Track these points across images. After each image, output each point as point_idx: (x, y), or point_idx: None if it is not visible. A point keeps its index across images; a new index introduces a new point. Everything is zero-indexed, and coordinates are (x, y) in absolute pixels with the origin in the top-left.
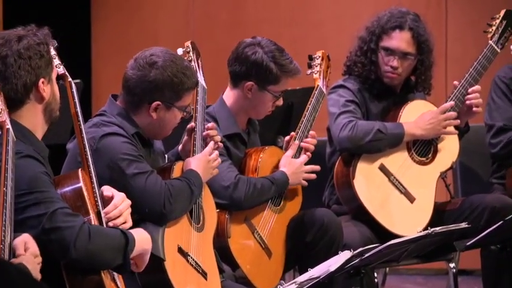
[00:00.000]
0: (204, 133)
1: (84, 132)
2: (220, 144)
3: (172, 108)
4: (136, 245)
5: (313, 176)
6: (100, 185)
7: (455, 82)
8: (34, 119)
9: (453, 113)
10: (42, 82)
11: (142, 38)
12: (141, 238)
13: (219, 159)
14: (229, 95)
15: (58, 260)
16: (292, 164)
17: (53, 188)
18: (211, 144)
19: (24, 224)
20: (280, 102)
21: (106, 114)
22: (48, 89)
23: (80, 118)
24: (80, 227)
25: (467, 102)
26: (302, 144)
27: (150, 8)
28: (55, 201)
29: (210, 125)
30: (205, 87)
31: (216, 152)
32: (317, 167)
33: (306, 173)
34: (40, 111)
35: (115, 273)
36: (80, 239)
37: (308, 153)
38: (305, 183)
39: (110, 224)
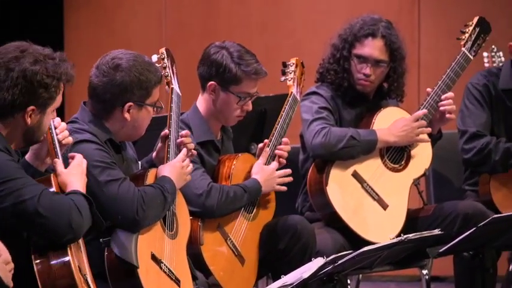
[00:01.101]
0: (178, 140)
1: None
2: (194, 152)
3: (144, 106)
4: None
5: (289, 179)
6: None
7: (429, 89)
8: (11, 134)
9: (424, 122)
10: (32, 110)
11: (115, 46)
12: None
13: (191, 165)
14: (201, 101)
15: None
16: (265, 171)
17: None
18: (184, 150)
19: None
20: (248, 106)
21: (78, 122)
22: (36, 119)
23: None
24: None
25: (441, 108)
26: (276, 151)
27: (123, 16)
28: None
29: (184, 132)
30: (180, 93)
31: (187, 159)
32: (288, 170)
33: (280, 177)
34: (20, 132)
35: (88, 277)
36: (73, 214)
37: (282, 159)
38: (281, 188)
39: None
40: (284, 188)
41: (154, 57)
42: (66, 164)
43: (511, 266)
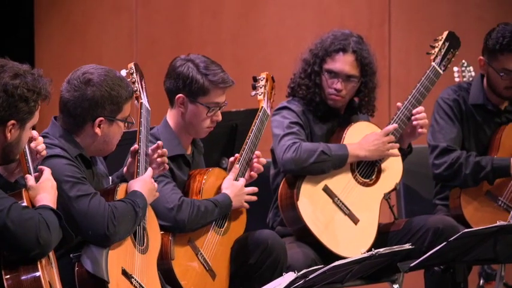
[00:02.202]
0: (155, 156)
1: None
2: (166, 166)
3: (115, 121)
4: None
5: (254, 197)
6: None
7: (399, 104)
8: None
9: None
10: (12, 124)
11: (86, 61)
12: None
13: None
14: (170, 116)
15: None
16: (235, 186)
17: None
18: (153, 165)
19: None
20: (218, 117)
21: (49, 136)
22: (15, 134)
23: None
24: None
25: (414, 122)
26: (255, 164)
27: (94, 30)
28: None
29: (159, 143)
30: (149, 108)
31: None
32: (256, 188)
33: (248, 194)
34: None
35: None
36: (41, 229)
37: (253, 173)
38: (247, 205)
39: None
40: (247, 206)
41: (123, 72)
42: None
43: (481, 280)
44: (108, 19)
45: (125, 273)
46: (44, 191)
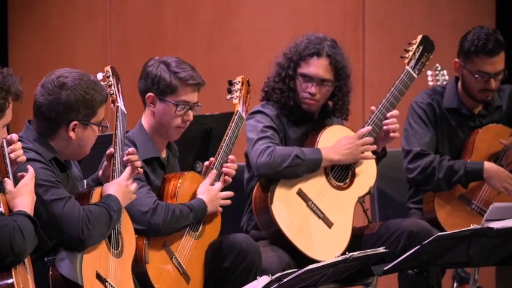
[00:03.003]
0: (124, 158)
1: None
2: (140, 170)
3: (90, 125)
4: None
5: (229, 202)
6: None
7: (373, 107)
8: None
9: (371, 138)
10: None
11: (60, 65)
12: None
13: (135, 184)
14: (144, 118)
15: None
16: (210, 191)
17: None
18: (128, 169)
19: None
20: (189, 117)
21: (23, 140)
22: None
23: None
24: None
25: (385, 127)
26: (224, 169)
27: (68, 34)
28: None
29: (130, 149)
30: (125, 111)
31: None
32: (231, 193)
33: (223, 199)
34: None
35: None
36: (16, 236)
37: (227, 177)
38: (221, 209)
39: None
40: (221, 209)
41: (100, 76)
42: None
43: (455, 283)
44: (82, 23)
45: (99, 277)
46: (22, 195)
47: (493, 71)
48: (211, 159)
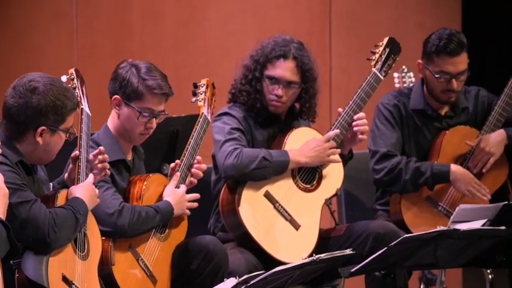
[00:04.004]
0: (94, 157)
1: None
2: (108, 171)
3: (57, 131)
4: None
5: (195, 204)
6: None
7: (340, 109)
8: None
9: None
10: None
11: (27, 66)
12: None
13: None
14: (110, 120)
15: None
16: (176, 193)
17: None
18: (94, 171)
19: None
20: (152, 124)
21: None
22: None
23: None
24: None
25: (355, 128)
26: (192, 170)
27: (35, 36)
28: None
29: (101, 148)
30: (90, 114)
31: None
32: (197, 195)
33: (189, 201)
34: None
35: None
36: None
37: (193, 179)
38: (188, 212)
39: None
40: (189, 213)
41: (64, 78)
42: None
43: (422, 285)
44: (49, 25)
45: (65, 279)
46: None
47: (454, 71)
48: (177, 161)
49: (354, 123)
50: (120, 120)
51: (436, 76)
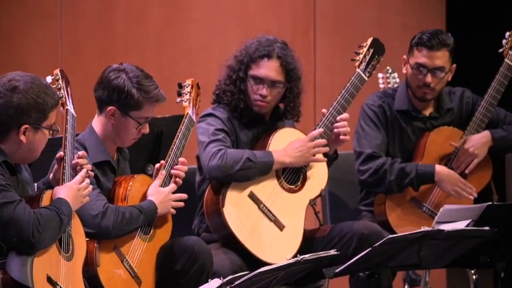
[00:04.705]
0: (73, 162)
1: None
2: (91, 173)
3: (41, 129)
4: None
5: (181, 204)
6: None
7: (324, 110)
8: None
9: (322, 141)
10: None
11: (12, 66)
12: None
13: (90, 187)
14: (97, 122)
15: None
16: (160, 193)
17: None
18: (82, 172)
19: None
20: (146, 129)
21: None
22: None
23: None
24: None
25: (335, 130)
26: (172, 171)
27: (19, 36)
28: None
29: (80, 153)
30: (75, 115)
31: (87, 180)
32: (184, 195)
33: (174, 201)
34: None
35: None
36: None
37: (178, 179)
38: (173, 211)
39: None
40: (174, 212)
41: (49, 79)
42: None
43: (406, 285)
44: (34, 26)
45: (50, 280)
46: None
47: (430, 65)
48: (162, 162)
49: (335, 124)
50: (115, 128)
51: (413, 68)
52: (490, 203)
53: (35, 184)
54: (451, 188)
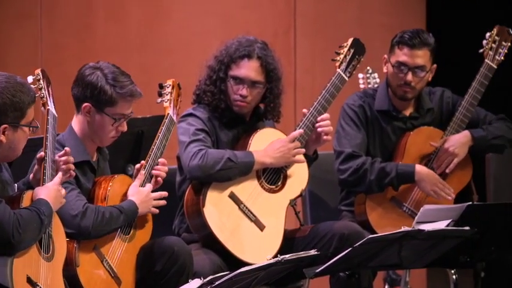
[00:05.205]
0: (61, 158)
1: None
2: (73, 173)
3: (20, 127)
4: None
5: (163, 202)
6: None
7: (305, 110)
8: None
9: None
10: None
11: None
12: None
13: (63, 190)
14: (76, 122)
15: None
16: (141, 193)
17: None
18: (60, 173)
19: None
20: (123, 127)
21: None
22: None
23: None
24: None
25: (319, 129)
26: (153, 171)
27: None
28: None
29: (67, 149)
30: (56, 115)
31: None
32: (164, 193)
33: (155, 200)
34: None
35: None
36: None
37: (159, 179)
38: (155, 210)
39: None
40: (156, 211)
41: (30, 79)
42: None
43: (386, 285)
44: (13, 26)
45: (30, 281)
46: None
47: (411, 64)
48: (142, 162)
49: (317, 124)
50: (91, 126)
51: (394, 67)
52: (470, 203)
53: (15, 184)
54: (430, 188)
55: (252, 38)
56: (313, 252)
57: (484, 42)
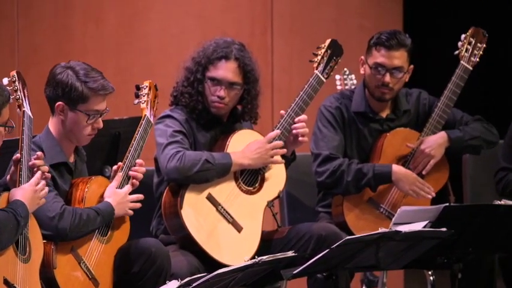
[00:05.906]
0: (30, 163)
1: None
2: (48, 174)
3: None
4: None
5: (139, 205)
6: None
7: (282, 111)
8: None
9: (280, 142)
10: None
11: None
12: None
13: (46, 189)
14: (52, 123)
15: None
16: (117, 194)
17: None
18: (38, 174)
19: None
20: (99, 124)
21: None
22: None
23: None
24: None
25: (294, 131)
26: (130, 172)
27: None
28: None
29: (39, 153)
30: (31, 116)
31: (43, 182)
32: (141, 196)
33: (132, 202)
34: None
35: None
36: None
37: (135, 181)
38: (131, 212)
39: None
40: (132, 213)
41: (5, 80)
42: None
43: (363, 287)
44: None
45: (6, 282)
46: None
47: (389, 65)
48: (120, 163)
49: (293, 126)
50: (65, 125)
51: (372, 68)
52: (447, 204)
53: None
54: (408, 188)
55: (229, 39)
56: (290, 253)
57: (460, 43)
